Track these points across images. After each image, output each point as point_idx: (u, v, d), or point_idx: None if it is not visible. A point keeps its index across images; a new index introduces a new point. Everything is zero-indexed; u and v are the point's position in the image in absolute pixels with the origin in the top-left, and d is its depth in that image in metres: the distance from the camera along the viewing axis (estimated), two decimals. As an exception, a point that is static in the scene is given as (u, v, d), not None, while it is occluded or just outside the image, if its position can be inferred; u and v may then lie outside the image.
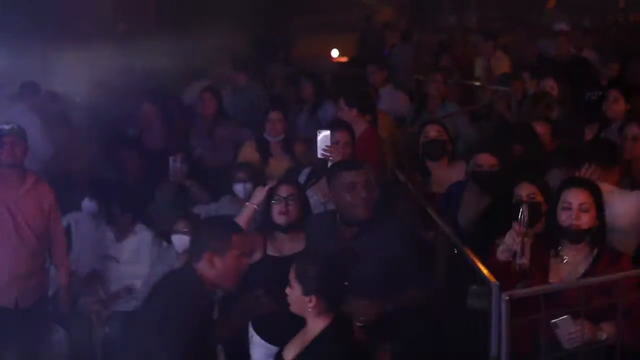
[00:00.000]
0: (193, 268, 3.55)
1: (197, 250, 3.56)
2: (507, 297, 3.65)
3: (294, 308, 3.45)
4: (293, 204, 4.39)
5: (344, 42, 11.64)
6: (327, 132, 5.04)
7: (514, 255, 3.73)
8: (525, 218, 3.70)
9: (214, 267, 3.51)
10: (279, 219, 4.39)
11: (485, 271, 3.86)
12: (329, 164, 4.89)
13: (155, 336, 3.39)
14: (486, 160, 4.82)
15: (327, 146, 4.99)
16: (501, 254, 3.85)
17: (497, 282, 3.70)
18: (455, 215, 4.90)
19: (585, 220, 3.77)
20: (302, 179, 5.36)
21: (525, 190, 4.28)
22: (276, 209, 4.41)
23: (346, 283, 3.43)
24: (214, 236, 3.57)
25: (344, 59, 11.40)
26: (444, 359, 4.54)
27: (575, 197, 3.79)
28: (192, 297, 3.47)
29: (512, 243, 3.73)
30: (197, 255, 3.55)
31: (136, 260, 5.80)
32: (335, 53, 11.71)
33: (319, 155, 5.05)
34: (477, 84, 8.80)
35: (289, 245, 4.36)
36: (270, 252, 4.41)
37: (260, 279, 4.06)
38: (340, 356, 3.35)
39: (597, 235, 3.85)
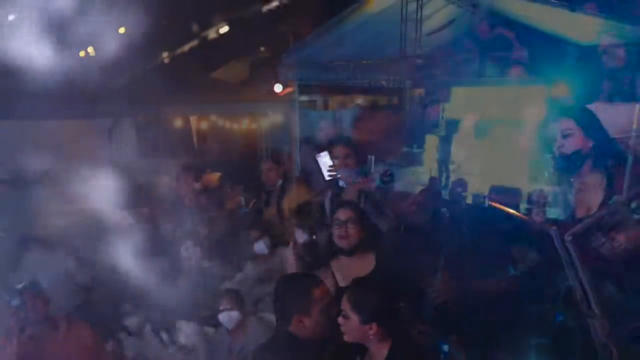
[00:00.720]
0: (286, 331, 3.52)
1: (284, 316, 3.55)
2: (570, 237, 3.58)
3: (351, 337, 3.40)
4: (353, 227, 4.37)
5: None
6: (324, 154, 5.03)
7: None
8: None
9: (304, 327, 3.50)
10: (340, 242, 4.39)
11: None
12: (340, 182, 4.88)
13: None
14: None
15: (329, 166, 4.99)
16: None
17: (555, 227, 3.65)
18: None
19: (569, 145, 3.73)
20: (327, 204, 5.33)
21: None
22: (336, 233, 4.41)
23: (401, 304, 3.41)
24: (295, 298, 3.55)
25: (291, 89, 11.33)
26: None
27: (558, 126, 3.78)
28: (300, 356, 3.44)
29: None
30: (285, 320, 3.53)
31: (193, 357, 5.67)
32: (278, 88, 11.62)
33: (326, 178, 5.04)
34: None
35: (355, 269, 4.26)
36: (339, 278, 4.34)
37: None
38: None
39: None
